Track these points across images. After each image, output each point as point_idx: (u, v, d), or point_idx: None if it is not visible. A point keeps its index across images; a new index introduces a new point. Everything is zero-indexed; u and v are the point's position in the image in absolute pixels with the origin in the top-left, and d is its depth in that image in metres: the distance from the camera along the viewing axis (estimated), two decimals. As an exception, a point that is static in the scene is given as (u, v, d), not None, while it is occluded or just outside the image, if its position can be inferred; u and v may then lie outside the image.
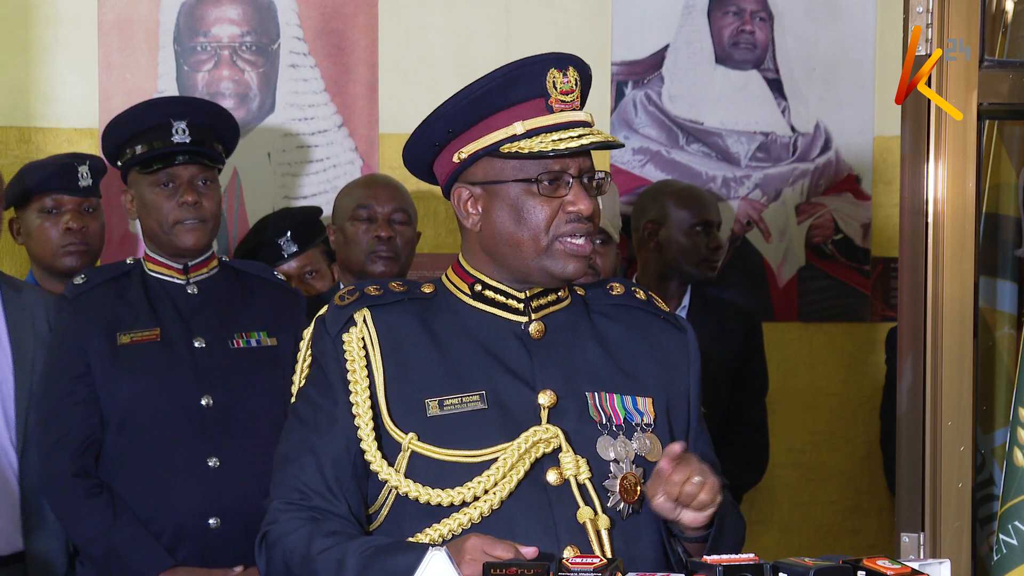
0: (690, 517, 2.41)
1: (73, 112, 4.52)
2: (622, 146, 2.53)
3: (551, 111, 2.48)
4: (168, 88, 4.61)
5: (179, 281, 3.67)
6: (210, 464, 3.55)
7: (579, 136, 2.46)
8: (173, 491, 3.54)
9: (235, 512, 3.55)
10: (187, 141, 3.62)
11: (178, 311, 3.64)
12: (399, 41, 4.75)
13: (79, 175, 4.00)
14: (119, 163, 3.70)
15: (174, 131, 3.62)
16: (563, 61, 2.50)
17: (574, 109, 2.50)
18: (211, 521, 3.54)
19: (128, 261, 3.72)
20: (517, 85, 2.47)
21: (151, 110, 3.69)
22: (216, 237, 3.72)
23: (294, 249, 4.33)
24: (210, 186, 3.66)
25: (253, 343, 3.66)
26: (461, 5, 4.79)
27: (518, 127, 2.46)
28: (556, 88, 2.48)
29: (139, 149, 3.63)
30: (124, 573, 3.50)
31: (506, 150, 2.46)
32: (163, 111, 3.66)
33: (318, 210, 4.42)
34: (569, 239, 2.47)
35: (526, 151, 2.45)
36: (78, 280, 3.65)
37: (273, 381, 3.64)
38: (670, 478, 2.39)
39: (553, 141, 2.45)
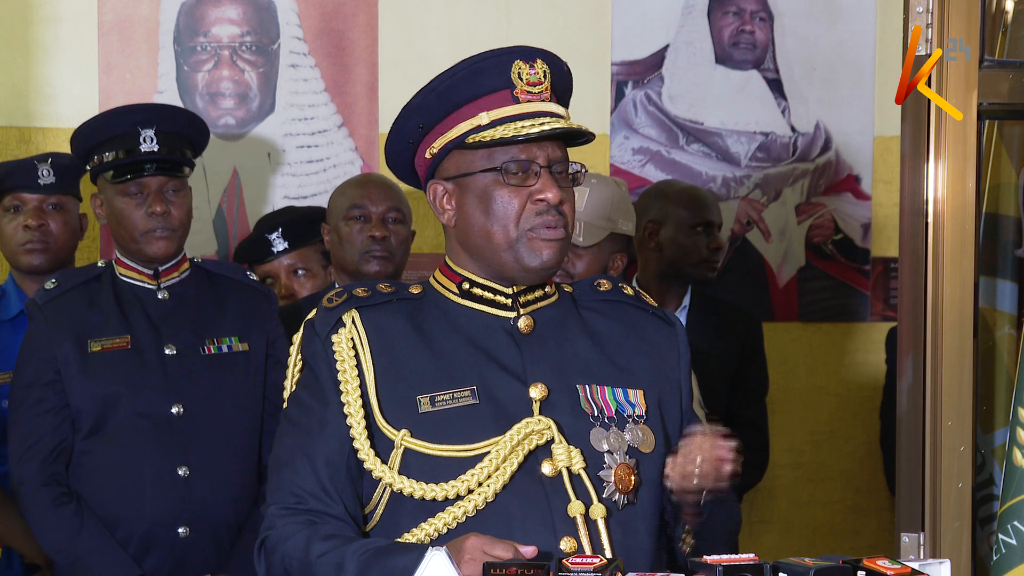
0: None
1: (73, 112, 4.52)
2: (591, 136, 2.53)
3: (517, 101, 2.49)
4: (168, 88, 4.61)
5: (150, 286, 3.65)
6: (180, 473, 3.53)
7: (543, 123, 2.47)
8: (142, 499, 3.52)
9: (204, 521, 3.54)
10: (155, 150, 3.59)
11: (148, 317, 3.62)
12: (399, 41, 4.76)
13: (39, 173, 3.99)
14: (88, 167, 3.68)
15: (142, 140, 3.59)
16: (530, 53, 2.51)
17: (543, 100, 2.50)
18: (180, 530, 3.53)
19: (100, 264, 3.71)
20: (482, 76, 2.48)
21: (118, 118, 3.65)
22: (185, 242, 3.70)
23: (283, 246, 4.33)
24: (179, 194, 3.63)
25: (224, 349, 3.65)
26: (461, 5, 4.79)
27: (483, 117, 2.47)
28: (522, 79, 2.49)
29: (107, 157, 3.60)
30: None
31: (472, 140, 2.48)
32: (129, 119, 3.62)
33: (320, 211, 4.43)
34: (538, 229, 2.48)
35: (489, 139, 2.46)
36: (49, 285, 3.62)
37: (244, 388, 3.63)
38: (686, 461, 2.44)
39: (515, 128, 2.46)
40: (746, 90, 5.04)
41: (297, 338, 2.59)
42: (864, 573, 2.23)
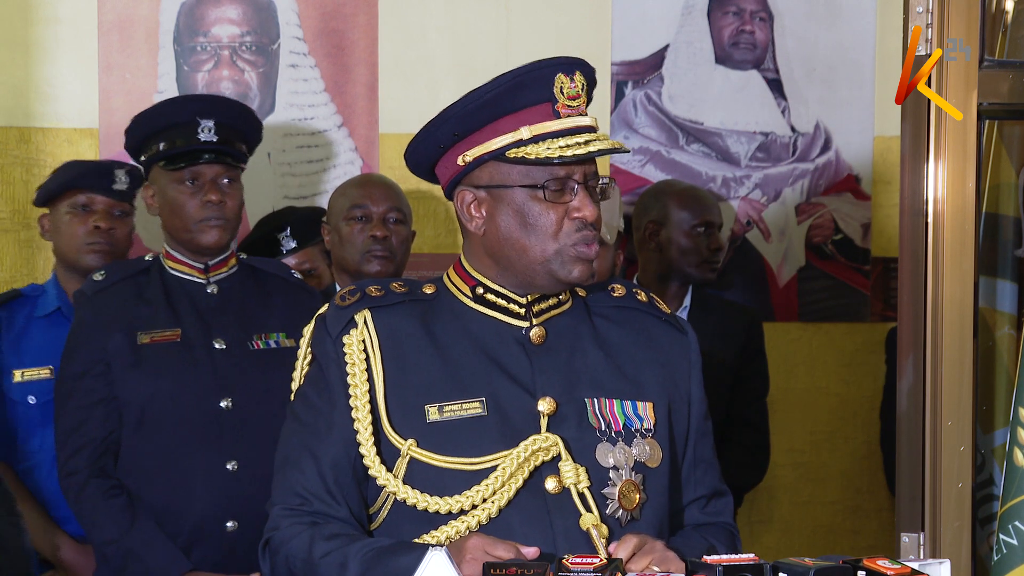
0: None
1: (73, 112, 4.52)
2: (628, 151, 2.53)
3: (558, 116, 2.47)
4: (168, 88, 4.61)
5: (199, 280, 3.66)
6: (228, 467, 3.54)
7: (586, 143, 2.45)
8: (191, 493, 3.53)
9: (252, 515, 3.52)
10: (213, 140, 3.61)
11: (198, 311, 3.62)
12: (399, 41, 4.75)
13: (115, 178, 4.00)
14: (142, 158, 3.68)
15: (200, 129, 3.61)
16: (571, 66, 2.49)
17: (580, 114, 2.49)
18: (228, 524, 3.53)
19: (147, 257, 3.71)
20: (525, 89, 2.47)
21: (178, 107, 3.68)
22: (236, 235, 3.72)
23: (292, 245, 4.34)
24: (233, 185, 3.64)
25: (272, 344, 3.65)
26: (461, 5, 4.79)
27: (524, 132, 2.46)
28: (563, 93, 2.48)
29: (163, 146, 3.61)
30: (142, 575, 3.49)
31: (512, 155, 2.46)
32: (190, 108, 3.65)
33: (321, 211, 4.43)
34: (577, 246, 2.47)
35: (533, 157, 2.44)
36: (98, 276, 3.63)
37: (291, 383, 3.63)
38: (628, 568, 2.36)
39: (560, 147, 2.44)
40: (746, 90, 5.04)
41: (308, 331, 2.58)
42: (864, 573, 2.23)
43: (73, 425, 3.54)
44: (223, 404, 3.56)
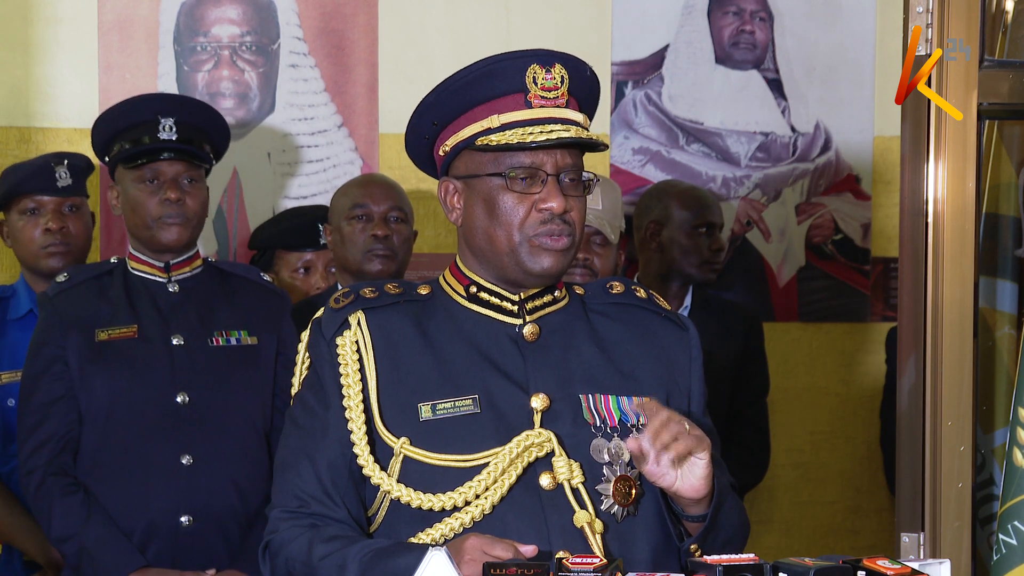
0: (687, 486, 2.39)
1: (73, 112, 4.52)
2: (603, 147, 2.51)
3: (530, 106, 2.46)
4: (168, 88, 4.61)
5: (160, 279, 3.66)
6: (183, 462, 3.53)
7: (550, 131, 2.44)
8: (146, 488, 3.52)
9: (207, 510, 3.54)
10: (173, 138, 3.60)
11: (157, 308, 3.62)
12: (399, 41, 4.76)
13: (57, 175, 3.98)
14: (107, 159, 3.68)
15: (161, 128, 3.60)
16: (549, 58, 2.48)
17: (557, 106, 2.47)
18: (183, 519, 3.52)
19: (112, 260, 3.71)
20: (496, 79, 2.46)
21: (139, 106, 3.66)
22: (199, 236, 3.71)
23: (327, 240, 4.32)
24: (195, 185, 3.64)
25: (233, 341, 3.65)
26: (461, 5, 4.79)
27: (495, 120, 2.45)
28: (536, 84, 2.46)
29: (126, 145, 3.61)
30: (96, 572, 3.49)
31: (480, 143, 2.46)
32: (151, 107, 3.64)
33: None
34: (540, 237, 2.46)
35: (495, 143, 2.44)
36: (60, 278, 3.64)
37: (251, 380, 3.62)
38: (648, 426, 2.34)
39: (522, 135, 2.43)
40: (746, 90, 5.04)
41: (305, 336, 2.58)
42: (864, 573, 2.23)
43: (33, 424, 3.55)
44: (179, 399, 3.55)
